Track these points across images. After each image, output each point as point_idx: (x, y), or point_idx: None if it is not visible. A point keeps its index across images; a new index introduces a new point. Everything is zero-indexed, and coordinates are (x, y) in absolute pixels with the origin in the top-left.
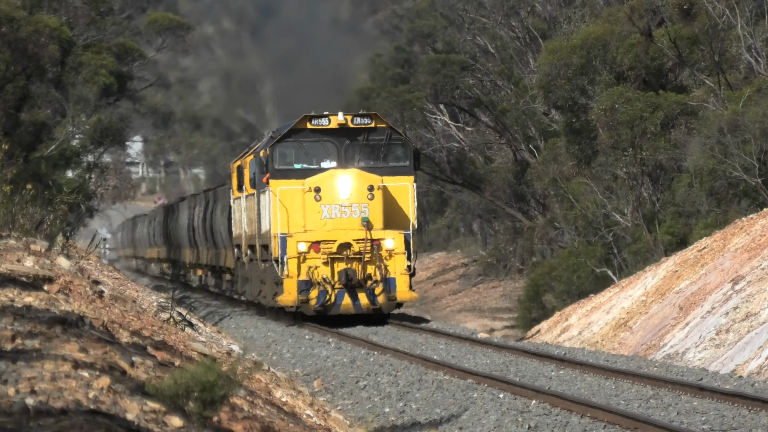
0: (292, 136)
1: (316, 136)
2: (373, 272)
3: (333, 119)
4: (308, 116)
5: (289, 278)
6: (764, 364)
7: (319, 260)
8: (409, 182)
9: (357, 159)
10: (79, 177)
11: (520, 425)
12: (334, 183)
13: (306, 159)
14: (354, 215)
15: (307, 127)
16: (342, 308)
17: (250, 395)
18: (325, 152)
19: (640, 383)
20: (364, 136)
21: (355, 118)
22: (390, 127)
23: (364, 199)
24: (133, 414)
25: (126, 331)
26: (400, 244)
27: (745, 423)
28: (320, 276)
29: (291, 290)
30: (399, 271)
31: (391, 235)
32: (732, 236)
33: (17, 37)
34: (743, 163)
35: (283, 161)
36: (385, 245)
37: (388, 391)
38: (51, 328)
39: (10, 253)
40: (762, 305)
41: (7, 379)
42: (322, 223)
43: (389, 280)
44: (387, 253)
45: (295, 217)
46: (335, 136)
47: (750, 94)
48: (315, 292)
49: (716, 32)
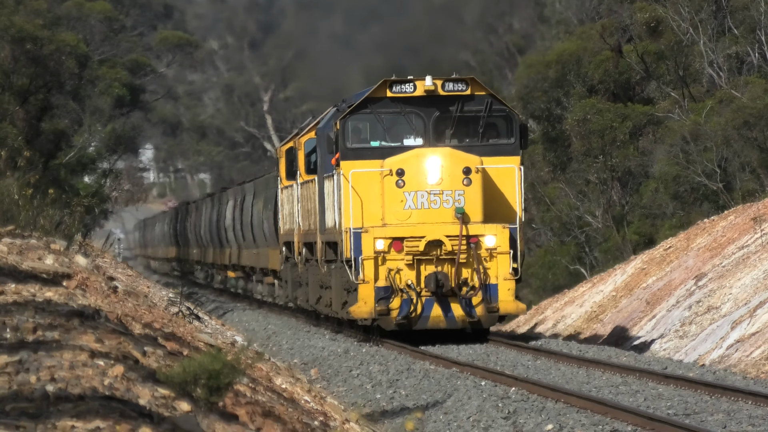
0: (369, 107)
1: (398, 107)
2: (469, 277)
3: (419, 85)
4: (388, 81)
5: (364, 284)
6: (725, 354)
7: (401, 262)
8: (515, 164)
9: (449, 135)
10: (95, 182)
11: (500, 410)
12: (420, 164)
13: (385, 135)
14: (446, 205)
15: (386, 95)
16: (431, 322)
17: (252, 382)
18: (410, 126)
19: (610, 371)
20: (458, 107)
21: (447, 83)
22: (491, 95)
23: (458, 185)
24: (145, 399)
25: (138, 324)
26: (503, 241)
27: (706, 408)
28: (403, 281)
29: (367, 299)
30: (502, 276)
31: (492, 231)
32: (695, 236)
33: (39, 53)
34: (705, 169)
35: (357, 138)
36: (484, 243)
37: (379, 379)
38: (69, 320)
39: (32, 252)
40: (722, 300)
41: (29, 367)
42: (405, 215)
43: (490, 286)
44: (487, 253)
45: (372, 207)
46: (422, 107)
47: (712, 106)
48: (397, 301)
49: (681, 48)
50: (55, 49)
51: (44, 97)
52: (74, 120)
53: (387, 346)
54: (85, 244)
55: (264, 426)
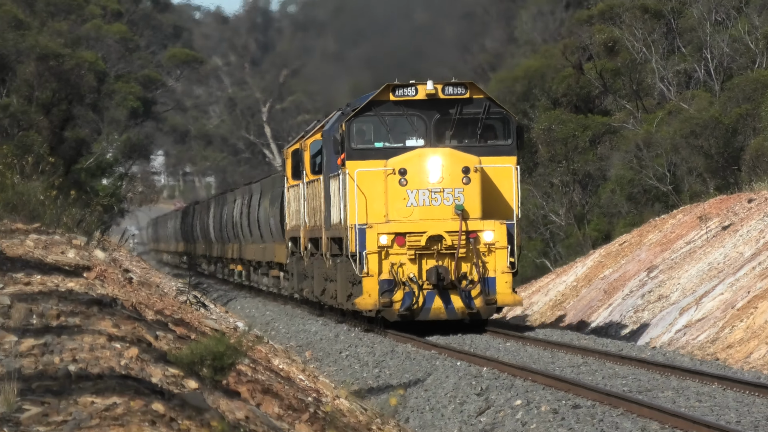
0: (373, 109)
1: (401, 109)
2: (469, 270)
3: (420, 89)
4: (391, 85)
5: (368, 277)
6: (674, 338)
7: (404, 256)
8: (512, 164)
9: (449, 136)
10: (112, 184)
11: (473, 387)
12: (422, 164)
13: (388, 136)
14: (446, 202)
15: (389, 98)
16: (432, 313)
17: (252, 363)
18: (411, 128)
19: (572, 353)
20: (458, 109)
21: (447, 87)
22: (488, 99)
23: (458, 184)
24: (157, 378)
25: (151, 311)
26: (501, 236)
27: (658, 385)
28: (406, 275)
29: (371, 291)
30: (500, 270)
31: (490, 227)
32: (647, 233)
33: (62, 69)
34: (656, 173)
35: (361, 139)
36: (483, 238)
37: (365, 360)
38: (89, 308)
39: (56, 247)
40: (671, 289)
41: (53, 349)
42: (407, 211)
43: (488, 279)
44: (486, 248)
45: (376, 204)
46: (423, 109)
47: (662, 117)
48: (400, 293)
49: (635, 66)
50: (76, 66)
51: (66, 109)
52: (93, 129)
53: (375, 331)
54: (103, 240)
55: (263, 402)
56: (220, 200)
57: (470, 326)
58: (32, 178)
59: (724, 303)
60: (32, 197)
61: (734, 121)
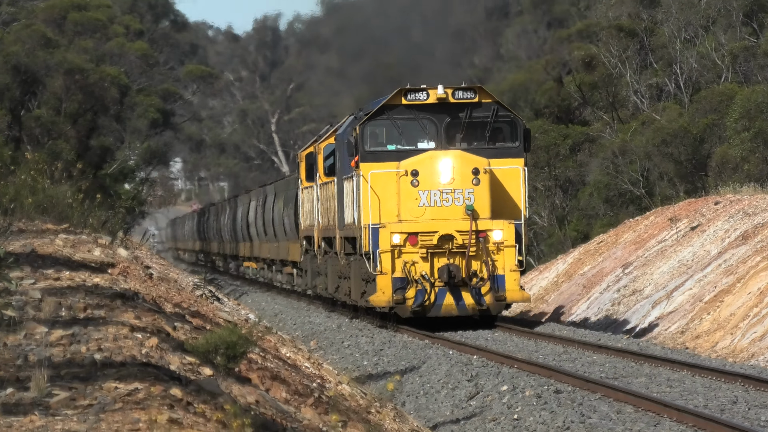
0: (385, 113)
1: (412, 113)
2: (479, 268)
3: (431, 93)
4: (403, 90)
5: (382, 275)
6: (647, 329)
7: (416, 254)
8: (520, 165)
9: (459, 139)
10: (134, 188)
11: (464, 374)
12: (433, 166)
13: (401, 139)
14: (457, 203)
15: (401, 102)
16: (443, 309)
17: (262, 352)
18: (423, 131)
19: (554, 342)
20: (467, 113)
21: (457, 92)
22: (497, 102)
23: (468, 185)
24: (175, 365)
25: (169, 304)
26: (510, 235)
27: (632, 372)
28: (418, 273)
29: (385, 289)
30: (509, 267)
31: (499, 226)
32: (622, 233)
33: (87, 83)
34: (630, 178)
35: (374, 141)
36: (492, 237)
37: (366, 349)
38: (113, 301)
39: (83, 245)
40: (645, 284)
41: (80, 339)
42: (419, 211)
43: (497, 277)
44: (495, 247)
45: (389, 205)
46: (434, 113)
47: (636, 127)
48: (412, 291)
49: (611, 79)
50: (100, 80)
51: (92, 119)
52: (117, 138)
53: (370, 321)
54: (125, 239)
55: (272, 387)
56: (233, 203)
57: (480, 322)
58: (61, 182)
59: (693, 297)
60: (61, 200)
61: (702, 130)
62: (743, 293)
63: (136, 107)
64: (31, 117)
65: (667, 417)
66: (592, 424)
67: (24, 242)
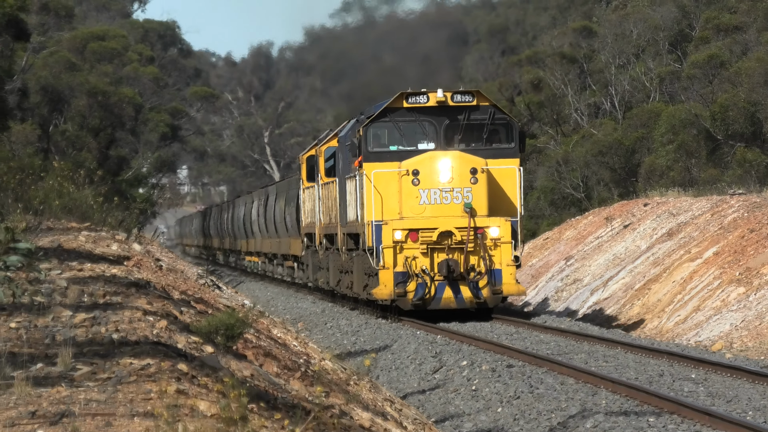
0: (387, 116)
1: (413, 116)
2: (476, 263)
3: (431, 96)
4: (404, 93)
5: (384, 269)
6: (587, 312)
7: (417, 250)
8: (516, 165)
9: (458, 140)
10: (147, 192)
11: (430, 351)
12: (433, 165)
13: (402, 140)
14: (456, 201)
15: (403, 105)
16: (443, 302)
17: (256, 332)
18: (423, 133)
19: (507, 324)
20: (466, 115)
21: (456, 95)
22: (493, 106)
23: (466, 183)
24: (182, 344)
25: (177, 291)
26: (506, 232)
27: (573, 350)
28: (419, 267)
29: (387, 283)
30: (505, 262)
31: (496, 223)
32: (565, 230)
33: (107, 102)
34: (572, 183)
35: (377, 142)
36: (489, 234)
37: (345, 330)
38: (128, 289)
39: (102, 241)
40: (584, 274)
41: (100, 321)
42: (420, 209)
43: (494, 271)
44: (492, 243)
45: (391, 202)
46: (434, 115)
47: (576, 140)
48: (413, 284)
49: (555, 99)
50: (118, 100)
51: (111, 133)
52: (132, 149)
53: (350, 307)
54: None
55: (265, 363)
56: (232, 204)
57: (477, 314)
58: (84, 187)
59: (626, 285)
60: (84, 202)
61: (633, 143)
62: (668, 282)
63: (148, 123)
64: (57, 131)
65: (604, 388)
66: (540, 394)
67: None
